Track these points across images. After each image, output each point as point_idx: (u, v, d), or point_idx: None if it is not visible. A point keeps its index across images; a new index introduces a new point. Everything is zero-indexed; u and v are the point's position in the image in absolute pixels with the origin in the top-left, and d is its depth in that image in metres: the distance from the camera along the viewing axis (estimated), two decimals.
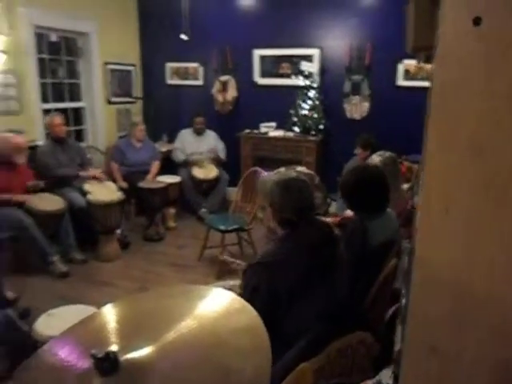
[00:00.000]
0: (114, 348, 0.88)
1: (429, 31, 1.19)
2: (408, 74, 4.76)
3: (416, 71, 4.72)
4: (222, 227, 3.76)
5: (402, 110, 4.75)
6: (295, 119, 5.04)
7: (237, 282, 1.99)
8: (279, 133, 5.14)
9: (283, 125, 5.19)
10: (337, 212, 3.65)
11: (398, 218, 2.21)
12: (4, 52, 4.25)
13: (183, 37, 4.66)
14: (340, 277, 1.66)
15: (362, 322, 1.61)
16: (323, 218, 2.33)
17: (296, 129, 5.05)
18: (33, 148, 4.19)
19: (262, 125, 5.32)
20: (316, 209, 1.91)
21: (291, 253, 1.57)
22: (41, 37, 4.84)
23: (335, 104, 5.05)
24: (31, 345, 1.91)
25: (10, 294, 3.01)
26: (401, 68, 4.76)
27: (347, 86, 4.98)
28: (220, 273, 3.63)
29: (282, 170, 3.99)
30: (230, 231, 3.79)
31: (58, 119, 4.31)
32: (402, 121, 4.71)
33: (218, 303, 1.13)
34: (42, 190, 3.90)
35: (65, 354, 0.95)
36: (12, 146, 3.67)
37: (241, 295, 1.31)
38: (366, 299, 1.78)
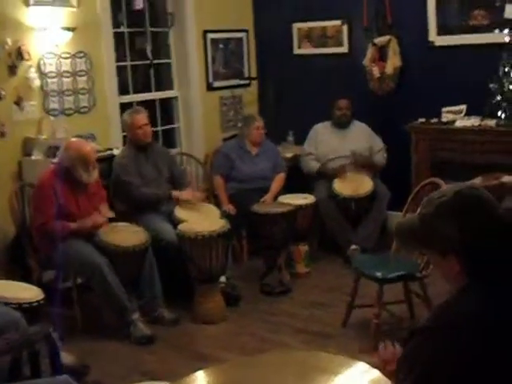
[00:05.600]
0: None
1: None
2: None
3: None
4: (379, 274, 3.73)
5: None
6: (499, 98, 4.87)
7: None
8: (472, 121, 5.04)
9: (479, 109, 5.05)
10: None
11: None
12: (71, 29, 4.74)
13: None
14: None
15: None
16: None
17: (501, 114, 4.87)
18: (107, 159, 4.63)
19: (445, 109, 5.25)
20: None
21: (483, 311, 1.53)
22: (118, 5, 5.36)
23: None
24: None
25: (75, 362, 3.33)
26: None
27: None
28: (376, 346, 3.57)
29: (477, 181, 3.80)
30: (392, 280, 3.76)
31: (141, 118, 4.58)
32: None
33: None
34: (115, 219, 4.26)
35: None
36: (78, 156, 4.00)
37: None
38: None
